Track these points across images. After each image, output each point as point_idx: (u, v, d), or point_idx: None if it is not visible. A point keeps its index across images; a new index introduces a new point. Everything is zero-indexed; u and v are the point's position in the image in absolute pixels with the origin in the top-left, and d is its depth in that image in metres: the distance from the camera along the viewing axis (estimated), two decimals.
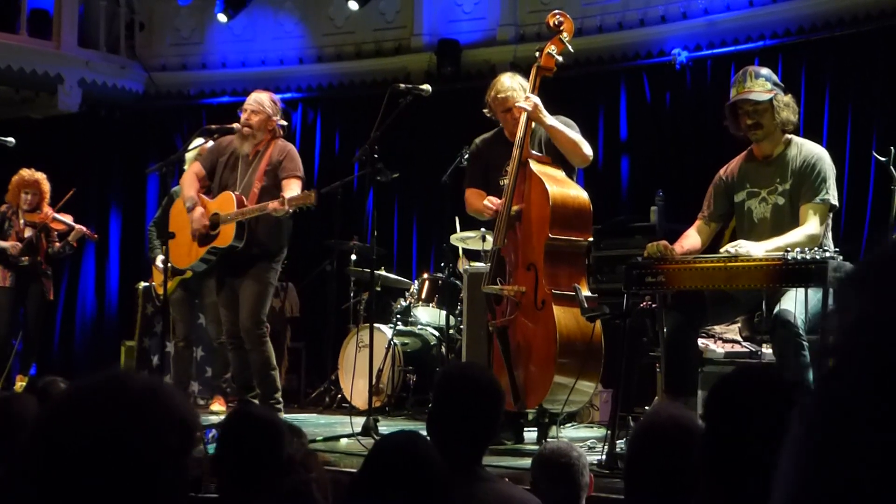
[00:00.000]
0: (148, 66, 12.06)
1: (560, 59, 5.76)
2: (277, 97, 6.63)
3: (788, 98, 4.98)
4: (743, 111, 4.96)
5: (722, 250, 4.69)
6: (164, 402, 1.57)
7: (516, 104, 5.70)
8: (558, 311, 5.46)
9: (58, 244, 8.68)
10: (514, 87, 5.77)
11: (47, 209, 8.66)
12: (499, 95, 5.79)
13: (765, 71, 5.07)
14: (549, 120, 5.71)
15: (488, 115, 5.91)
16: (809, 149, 4.99)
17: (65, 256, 9.02)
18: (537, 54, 5.79)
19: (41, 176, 8.68)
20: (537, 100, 5.68)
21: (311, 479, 2.85)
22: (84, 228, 8.73)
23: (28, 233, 8.57)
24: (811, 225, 4.80)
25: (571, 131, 5.78)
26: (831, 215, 4.96)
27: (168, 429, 1.56)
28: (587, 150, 5.79)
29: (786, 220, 4.91)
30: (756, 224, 4.99)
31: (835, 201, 4.90)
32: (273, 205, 6.05)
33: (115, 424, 1.52)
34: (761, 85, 4.94)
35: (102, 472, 1.50)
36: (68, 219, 8.72)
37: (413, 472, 2.43)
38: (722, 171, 5.20)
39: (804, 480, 0.76)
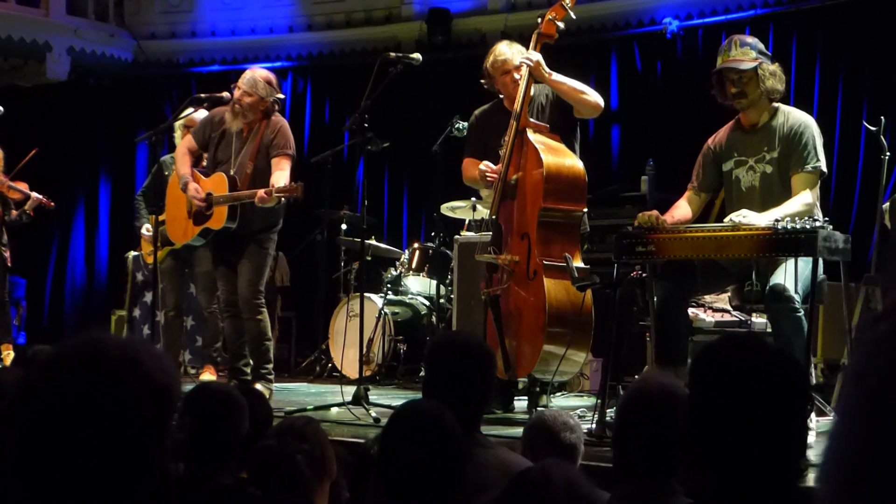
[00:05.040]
0: (137, 34, 11.98)
1: (561, 25, 5.70)
2: (274, 77, 6.57)
3: (774, 67, 4.96)
4: (728, 79, 4.95)
5: (726, 219, 4.68)
6: (142, 369, 1.55)
7: (519, 60, 5.65)
8: (548, 282, 5.46)
9: (14, 213, 8.56)
10: (514, 53, 5.75)
11: (2, 177, 8.49)
12: (498, 58, 5.74)
13: (750, 40, 5.05)
14: (553, 75, 5.67)
15: (486, 86, 5.87)
16: (796, 116, 4.98)
17: (22, 225, 8.77)
18: (539, 20, 5.74)
19: None
20: (539, 56, 5.63)
21: (302, 450, 2.84)
22: (40, 197, 8.57)
23: None
24: (806, 194, 4.81)
25: (576, 81, 5.73)
26: (820, 181, 4.96)
27: (145, 395, 1.55)
28: (594, 96, 5.68)
29: (774, 188, 4.91)
30: (744, 193, 4.98)
31: (824, 168, 4.91)
32: (260, 193, 6.09)
33: (92, 390, 1.51)
34: (746, 53, 4.93)
35: (80, 438, 1.50)
36: (23, 187, 8.57)
37: (435, 438, 2.43)
38: (710, 141, 5.19)
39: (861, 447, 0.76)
